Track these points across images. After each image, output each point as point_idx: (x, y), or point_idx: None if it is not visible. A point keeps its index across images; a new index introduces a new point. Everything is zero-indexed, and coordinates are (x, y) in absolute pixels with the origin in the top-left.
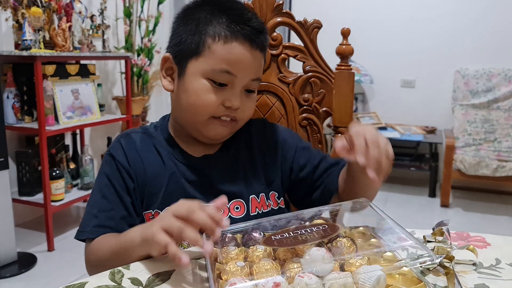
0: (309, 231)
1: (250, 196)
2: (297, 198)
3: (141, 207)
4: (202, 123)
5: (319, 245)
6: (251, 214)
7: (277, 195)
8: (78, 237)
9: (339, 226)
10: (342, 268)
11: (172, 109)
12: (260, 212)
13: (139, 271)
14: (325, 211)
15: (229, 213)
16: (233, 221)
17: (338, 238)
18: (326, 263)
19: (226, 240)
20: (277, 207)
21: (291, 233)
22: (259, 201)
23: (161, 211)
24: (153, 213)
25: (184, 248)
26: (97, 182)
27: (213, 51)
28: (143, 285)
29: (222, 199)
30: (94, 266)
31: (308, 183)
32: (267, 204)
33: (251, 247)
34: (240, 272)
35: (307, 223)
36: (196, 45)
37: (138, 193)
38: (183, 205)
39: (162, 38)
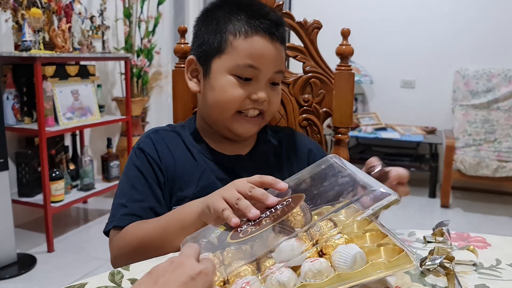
0: (273, 210)
1: None
2: None
3: (169, 201)
4: (229, 119)
5: (285, 232)
6: None
7: None
8: (105, 229)
9: (303, 195)
10: (321, 253)
11: (199, 109)
12: None
13: (139, 272)
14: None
15: None
16: None
17: (316, 223)
18: (296, 253)
19: (202, 247)
20: None
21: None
22: None
23: None
24: None
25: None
26: (126, 174)
27: (235, 47)
28: None
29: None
30: (124, 254)
31: None
32: None
33: (226, 248)
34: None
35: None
36: (219, 44)
37: (167, 187)
38: (245, 183)
39: (161, 39)
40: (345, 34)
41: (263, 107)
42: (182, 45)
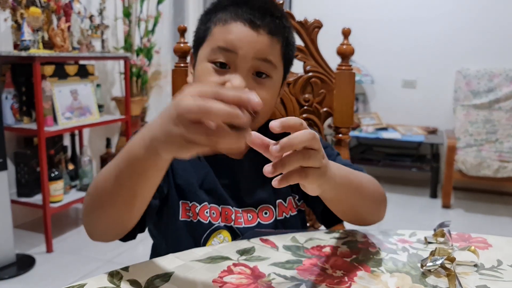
0: None
1: (277, 201)
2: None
3: (176, 194)
4: None
5: None
6: (278, 219)
7: (297, 197)
8: None
9: None
10: None
11: None
12: (288, 216)
13: (138, 273)
14: None
15: (258, 219)
16: (262, 226)
17: None
18: None
19: None
20: (296, 211)
21: None
22: (286, 205)
23: (200, 204)
24: (190, 204)
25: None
26: None
27: (213, 34)
28: (142, 287)
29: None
30: (85, 207)
31: None
32: (294, 207)
33: None
34: None
35: None
36: (204, 33)
37: (171, 180)
38: (192, 100)
39: (161, 38)
40: (346, 33)
41: None
42: (182, 45)
